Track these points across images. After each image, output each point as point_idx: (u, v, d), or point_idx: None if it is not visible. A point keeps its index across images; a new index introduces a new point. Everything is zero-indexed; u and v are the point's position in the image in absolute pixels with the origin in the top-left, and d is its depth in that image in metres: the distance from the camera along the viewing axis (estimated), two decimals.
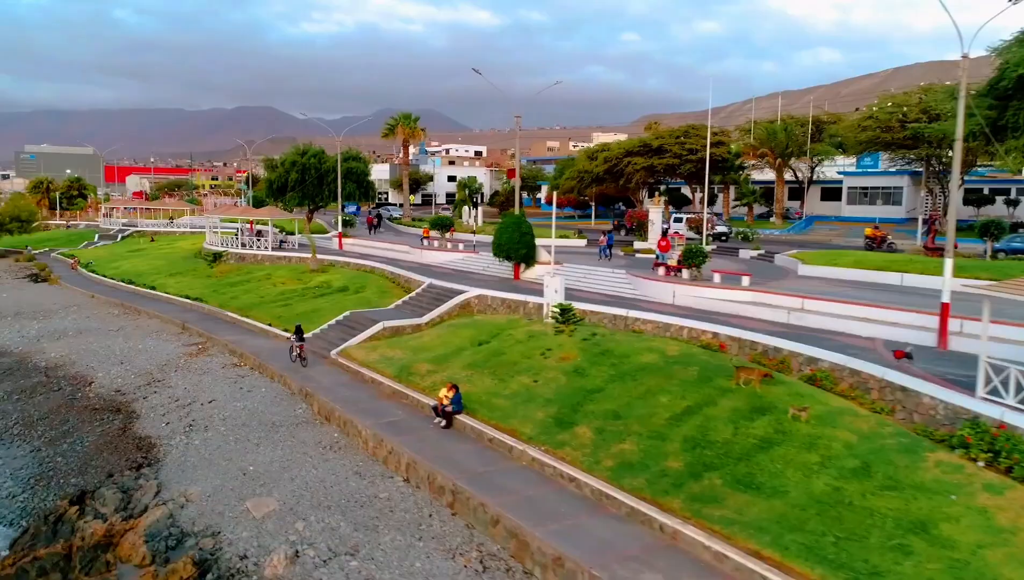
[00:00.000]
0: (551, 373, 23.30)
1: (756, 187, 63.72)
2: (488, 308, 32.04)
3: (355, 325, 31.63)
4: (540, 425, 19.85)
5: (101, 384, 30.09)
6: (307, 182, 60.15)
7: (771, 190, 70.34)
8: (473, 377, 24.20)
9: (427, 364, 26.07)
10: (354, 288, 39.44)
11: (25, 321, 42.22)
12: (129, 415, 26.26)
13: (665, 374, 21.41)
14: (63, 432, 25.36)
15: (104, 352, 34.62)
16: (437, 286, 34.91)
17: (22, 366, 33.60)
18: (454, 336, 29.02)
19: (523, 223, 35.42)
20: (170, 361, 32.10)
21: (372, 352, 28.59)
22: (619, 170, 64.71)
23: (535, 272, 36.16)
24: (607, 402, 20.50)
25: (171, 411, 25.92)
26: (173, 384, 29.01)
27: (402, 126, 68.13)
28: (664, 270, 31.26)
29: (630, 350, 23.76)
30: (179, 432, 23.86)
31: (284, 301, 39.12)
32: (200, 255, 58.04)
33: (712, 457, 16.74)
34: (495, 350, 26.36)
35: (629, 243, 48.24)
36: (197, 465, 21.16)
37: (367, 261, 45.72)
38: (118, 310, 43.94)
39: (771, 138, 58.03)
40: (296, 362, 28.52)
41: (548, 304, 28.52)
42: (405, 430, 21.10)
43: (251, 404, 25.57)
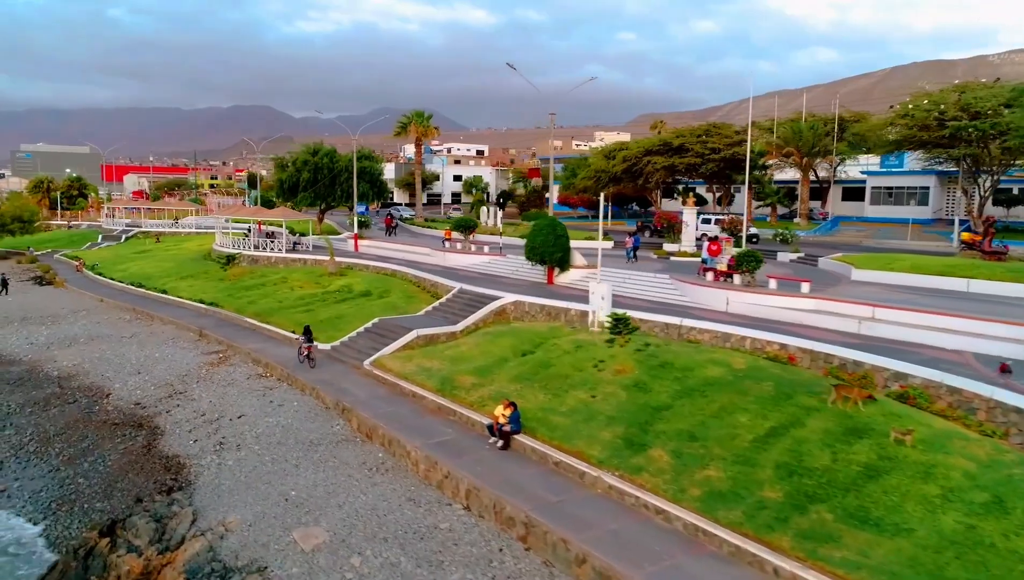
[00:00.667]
0: (608, 387, 21.77)
1: (778, 187, 62.25)
2: (525, 315, 30.48)
3: (386, 333, 30.04)
4: (608, 447, 18.30)
5: (119, 396, 28.46)
6: (319, 182, 58.55)
7: (791, 190, 68.92)
8: (523, 391, 22.64)
9: (470, 376, 24.50)
10: (377, 293, 37.84)
11: (33, 326, 40.56)
12: (152, 431, 24.65)
13: (737, 390, 19.90)
14: (82, 450, 23.74)
15: (119, 361, 32.99)
16: (469, 291, 33.34)
17: (33, 376, 31.96)
18: (493, 345, 27.47)
19: (558, 225, 33.89)
20: (191, 371, 30.47)
21: (407, 362, 27.01)
22: (638, 170, 63.18)
23: (570, 276, 34.63)
24: (678, 421, 18.97)
25: (198, 427, 24.30)
26: (196, 397, 27.39)
27: (415, 124, 66.50)
28: (713, 275, 29.72)
29: (691, 362, 22.24)
30: (209, 451, 22.26)
31: (305, 306, 37.48)
32: (210, 257, 56.44)
33: (813, 487, 15.19)
34: (541, 361, 24.80)
35: (657, 245, 46.71)
36: (233, 489, 19.57)
37: (387, 264, 44.13)
38: (129, 315, 42.27)
39: (796, 137, 56.57)
40: (304, 363, 28.46)
41: (594, 312, 27.00)
42: (459, 451, 19.52)
43: (284, 420, 23.97)
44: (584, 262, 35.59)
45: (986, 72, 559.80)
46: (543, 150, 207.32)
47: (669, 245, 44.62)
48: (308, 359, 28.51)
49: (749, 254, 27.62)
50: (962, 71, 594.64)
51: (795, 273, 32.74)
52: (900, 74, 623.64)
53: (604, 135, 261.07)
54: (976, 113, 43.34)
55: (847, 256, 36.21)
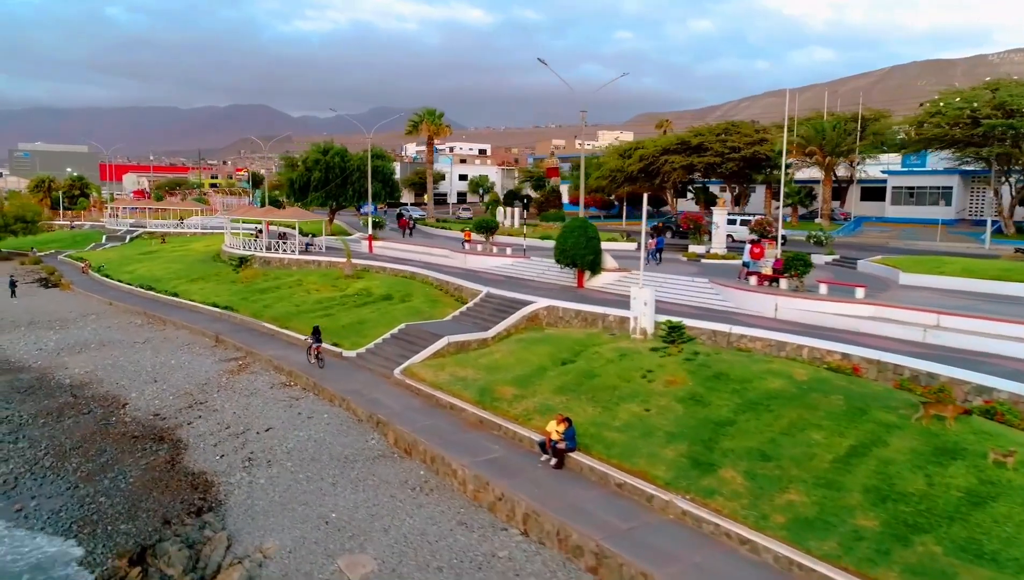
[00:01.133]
0: (662, 400, 20.53)
1: (799, 186, 61.07)
2: (559, 321, 29.23)
3: (414, 339, 28.79)
4: (674, 466, 17.06)
5: (136, 406, 27.18)
6: (331, 182, 57.26)
7: (809, 190, 67.70)
8: (569, 404, 21.40)
9: (510, 387, 23.25)
10: (399, 296, 36.56)
11: (41, 331, 39.25)
12: (175, 445, 23.37)
13: (804, 404, 18.66)
14: (101, 465, 22.47)
15: (133, 368, 31.71)
16: (497, 296, 32.09)
17: (44, 384, 30.68)
18: (529, 353, 26.21)
19: (589, 227, 32.64)
20: (210, 379, 29.18)
21: (440, 371, 25.76)
22: (655, 169, 62.02)
23: (601, 280, 33.38)
24: (746, 438, 17.73)
25: (223, 441, 23.02)
26: (219, 407, 26.11)
27: (427, 122, 65.12)
28: (757, 279, 28.47)
29: (748, 373, 21.02)
30: (238, 467, 20.99)
31: (324, 311, 36.19)
32: (220, 258, 55.15)
33: (911, 514, 13.96)
34: (584, 371, 23.56)
35: (680, 247, 45.49)
36: (268, 510, 18.31)
37: (405, 266, 42.86)
38: (140, 319, 40.96)
39: (819, 135, 55.39)
40: (313, 363, 28.45)
41: (636, 318, 25.76)
42: (510, 470, 18.27)
43: (315, 433, 22.70)
44: (615, 265, 34.37)
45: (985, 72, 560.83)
46: (542, 149, 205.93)
47: (695, 246, 43.37)
48: (317, 359, 28.48)
49: (798, 257, 26.38)
50: (961, 71, 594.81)
51: (836, 277, 31.52)
52: (899, 73, 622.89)
53: (606, 134, 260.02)
54: (1011, 111, 42.15)
55: (889, 258, 35.01)
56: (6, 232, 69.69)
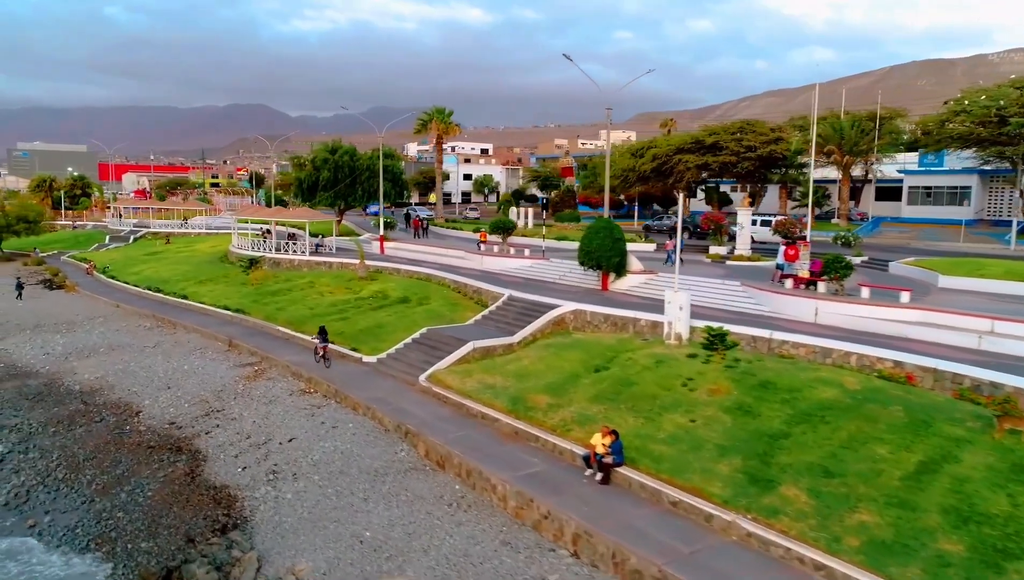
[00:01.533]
0: (707, 410, 19.60)
1: (816, 186, 60.06)
2: (587, 325, 28.28)
3: (437, 344, 27.83)
4: (730, 483, 16.12)
5: (150, 414, 26.20)
6: (340, 181, 56.26)
7: (824, 190, 66.75)
8: (608, 414, 20.46)
9: (543, 395, 22.30)
10: (416, 299, 35.59)
11: (47, 334, 38.25)
12: (193, 456, 22.39)
13: (861, 416, 17.74)
14: (117, 477, 21.48)
15: (145, 374, 30.73)
16: (520, 299, 31.13)
17: (53, 390, 29.70)
18: (559, 359, 25.27)
19: (615, 228, 31.69)
20: (226, 386, 28.21)
21: (467, 378, 24.80)
22: (668, 168, 61.04)
23: (627, 282, 32.42)
24: (804, 452, 16.79)
25: (245, 452, 22.05)
26: (237, 415, 25.14)
27: (436, 121, 64.09)
28: (793, 282, 27.52)
29: (796, 382, 20.09)
30: (262, 481, 20.03)
31: (339, 313, 35.22)
32: (227, 259, 54.18)
33: (999, 538, 13.04)
34: (620, 378, 22.63)
35: (702, 248, 44.57)
36: (297, 528, 17.34)
37: (419, 268, 41.90)
38: (150, 322, 39.97)
39: (837, 134, 54.45)
40: (320, 363, 28.62)
41: (671, 323, 24.82)
42: (553, 486, 17.32)
43: (341, 444, 21.72)
44: (640, 267, 33.41)
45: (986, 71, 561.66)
46: (545, 149, 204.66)
47: (716, 247, 42.45)
48: (323, 359, 28.69)
49: (838, 259, 25.43)
50: (961, 70, 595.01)
51: (870, 279, 30.55)
52: (899, 73, 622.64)
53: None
54: None
55: (923, 260, 34.09)
56: (8, 232, 68.64)
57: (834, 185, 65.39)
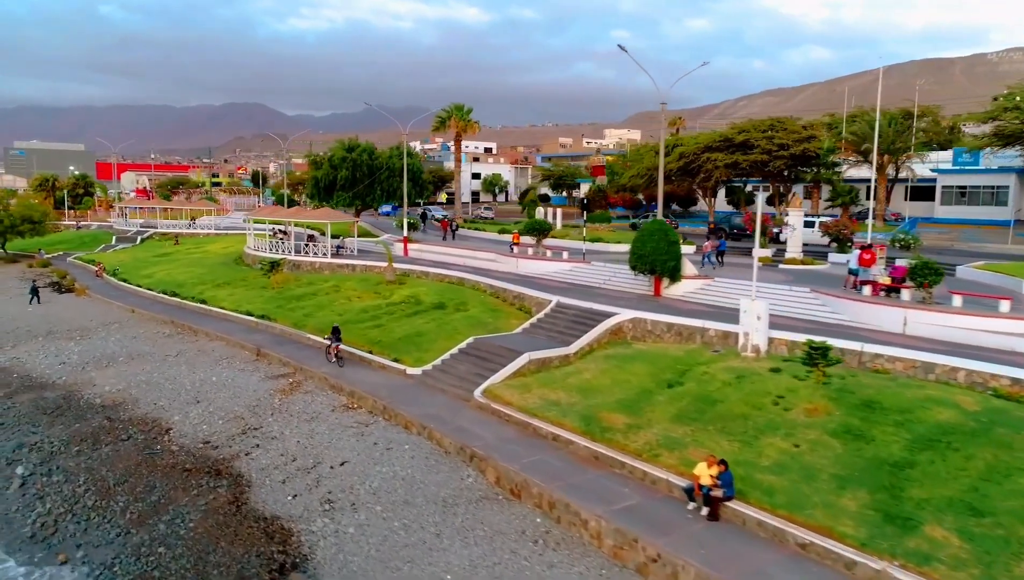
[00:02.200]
0: (810, 433, 17.77)
1: (854, 186, 58.35)
2: (648, 334, 26.44)
3: (488, 356, 25.97)
4: (861, 520, 14.29)
5: (182, 432, 24.25)
6: (358, 181, 54.33)
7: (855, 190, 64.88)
8: (696, 436, 18.64)
9: (618, 414, 20.46)
10: (452, 305, 33.69)
11: (61, 342, 36.27)
12: (235, 480, 20.46)
13: (993, 442, 15.94)
14: (153, 505, 19.54)
15: (170, 386, 28.78)
16: (570, 306, 29.28)
17: (73, 403, 27.71)
18: (624, 372, 23.45)
19: (670, 230, 29.86)
20: (260, 400, 26.28)
21: (526, 393, 22.96)
22: (695, 167, 59.28)
23: (682, 288, 30.57)
24: (937, 485, 14.96)
25: (292, 477, 20.14)
26: (277, 434, 23.22)
27: (455, 118, 62.13)
28: (871, 289, 25.69)
29: (904, 401, 18.29)
30: (317, 511, 18.12)
31: (372, 320, 33.32)
32: (242, 261, 52.24)
33: None
34: (700, 395, 20.80)
35: (744, 250, 42.76)
36: (367, 569, 15.47)
37: (449, 271, 40.04)
38: (169, 329, 37.99)
39: (874, 132, 52.59)
40: (333, 362, 28.71)
41: (747, 334, 23.01)
42: (655, 522, 15.46)
43: (401, 469, 19.83)
44: (695, 271, 31.59)
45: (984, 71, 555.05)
46: (549, 148, 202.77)
47: (761, 250, 40.59)
48: (337, 358, 28.80)
49: (926, 264, 23.60)
50: (960, 69, 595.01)
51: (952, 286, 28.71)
52: (897, 72, 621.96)
53: (612, 132, 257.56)
54: None
55: (995, 265, 32.25)
56: (13, 233, 66.57)
57: (860, 184, 63.63)
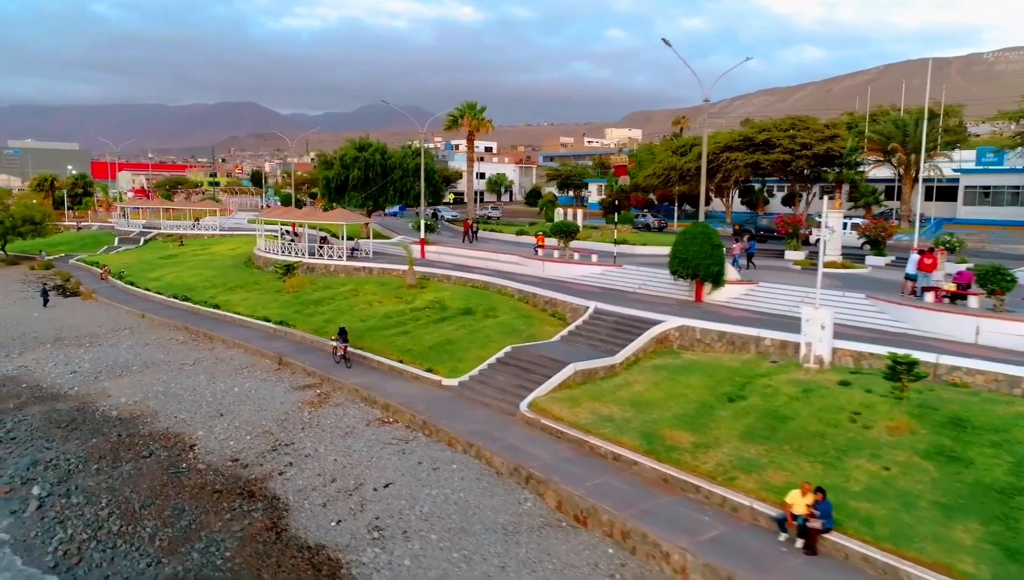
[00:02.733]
0: (898, 454, 16.48)
1: (877, 186, 57.31)
2: (696, 343, 25.13)
3: (529, 366, 24.62)
4: (980, 556, 13.01)
5: (207, 448, 22.83)
6: (371, 181, 52.90)
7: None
8: (772, 456, 17.33)
9: (681, 432, 19.14)
10: (481, 311, 32.32)
11: (70, 349, 34.78)
12: (271, 504, 19.06)
13: None
14: (183, 530, 18.14)
15: (190, 397, 27.34)
16: (609, 312, 27.94)
17: (87, 416, 26.23)
18: (678, 385, 22.14)
19: (713, 233, 28.56)
20: (288, 414, 24.87)
21: (576, 407, 21.63)
22: (714, 167, 58.04)
23: (724, 294, 29.28)
24: None
25: (334, 500, 18.75)
26: (311, 451, 21.82)
27: (468, 117, 60.73)
28: (934, 296, 24.42)
29: (995, 419, 17.03)
30: (366, 540, 16.74)
31: (397, 326, 31.94)
32: (252, 263, 50.77)
33: None
34: (766, 411, 19.50)
35: (775, 253, 41.55)
36: None
37: (471, 274, 38.67)
38: (183, 335, 36.50)
39: (900, 131, 51.59)
40: (340, 363, 28.68)
41: (810, 344, 21.72)
42: (747, 556, 14.14)
43: (452, 492, 18.45)
44: (737, 276, 30.29)
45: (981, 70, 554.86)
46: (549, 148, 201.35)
47: (792, 252, 39.48)
48: (344, 360, 28.69)
49: (996, 270, 22.34)
50: (956, 69, 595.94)
51: None
52: (894, 71, 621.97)
53: (613, 132, 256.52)
54: None
55: None
56: (14, 234, 64.89)
57: (878, 184, 62.47)
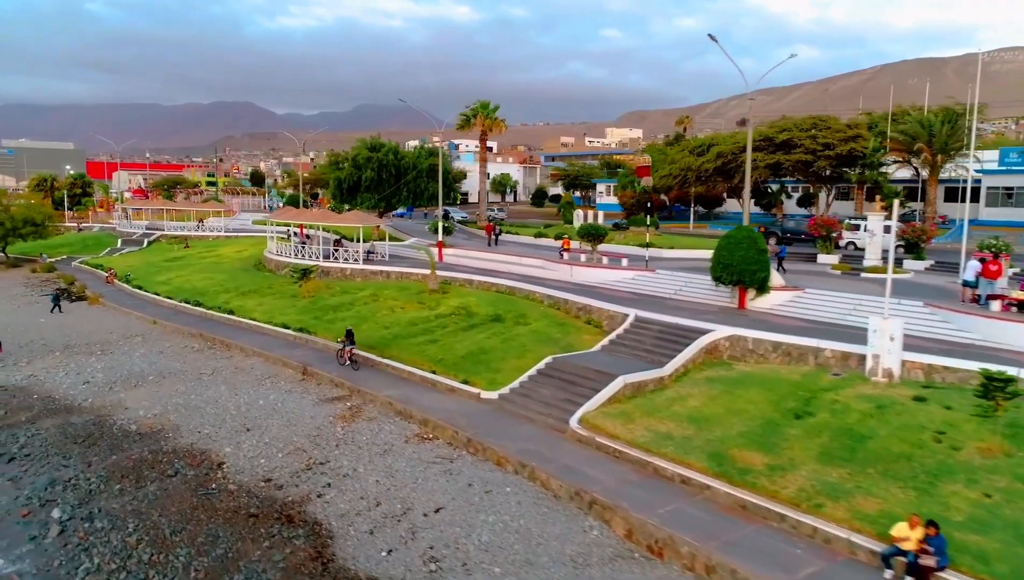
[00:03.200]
0: (998, 480, 15.34)
1: (899, 187, 56.24)
2: (748, 354, 23.94)
3: (571, 378, 23.40)
4: None
5: (236, 467, 21.52)
6: (384, 182, 51.61)
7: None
8: (858, 481, 16.13)
9: (751, 452, 17.93)
10: (511, 318, 31.07)
11: (80, 357, 33.39)
12: (313, 530, 17.75)
13: None
14: (220, 560, 16.84)
15: (212, 410, 26.01)
16: (653, 320, 26.72)
17: (104, 430, 24.88)
18: (737, 399, 20.95)
19: (759, 238, 27.40)
20: (321, 429, 23.57)
21: (630, 423, 20.42)
22: (732, 168, 56.95)
23: (769, 300, 28.10)
24: None
25: (381, 526, 17.45)
26: (349, 470, 20.53)
27: (481, 116, 59.43)
28: (1000, 304, 23.27)
29: None
30: (422, 573, 15.48)
31: (424, 334, 30.68)
32: (262, 266, 49.44)
33: None
34: (840, 429, 18.31)
35: (802, 256, 40.42)
36: None
37: (494, 278, 37.43)
38: (198, 343, 35.14)
39: (926, 131, 50.50)
40: (347, 366, 28.31)
41: (877, 356, 20.54)
42: None
43: (511, 519, 17.18)
44: (782, 282, 29.11)
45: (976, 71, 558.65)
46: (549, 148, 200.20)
47: (825, 256, 38.40)
48: (351, 362, 28.36)
49: None
50: (952, 69, 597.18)
51: None
52: (890, 71, 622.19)
53: (614, 132, 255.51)
54: None
55: None
56: (14, 236, 63.33)
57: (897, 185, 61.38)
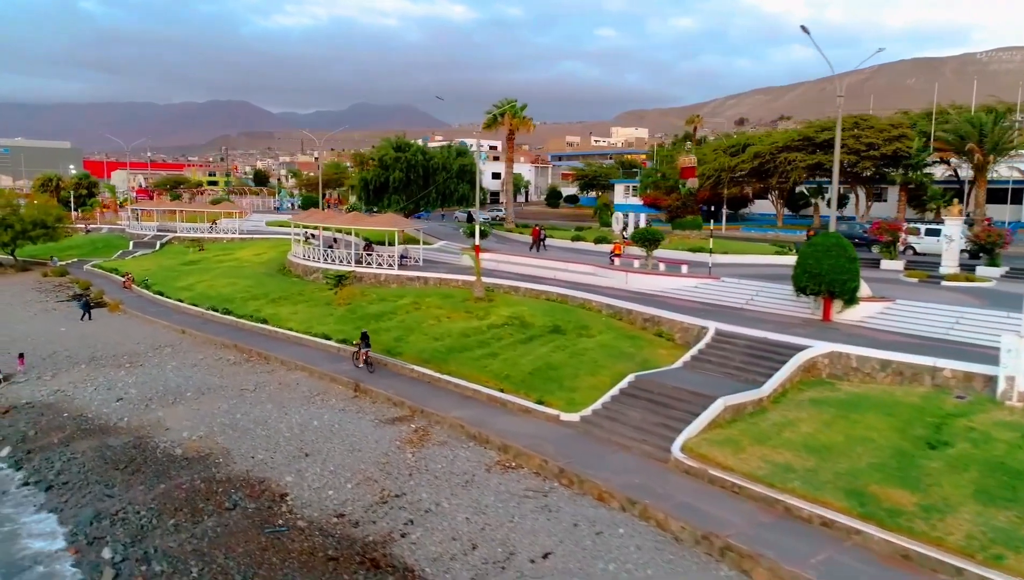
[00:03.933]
0: None
1: (943, 188, 54.54)
2: (852, 373, 22.06)
3: (661, 398, 21.49)
4: None
5: (303, 499, 19.49)
6: (412, 183, 49.62)
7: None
8: None
9: (895, 489, 16.03)
10: (572, 329, 29.14)
11: (109, 370, 31.36)
12: (403, 576, 15.77)
13: None
14: None
15: (263, 432, 23.99)
16: (736, 334, 24.82)
17: (147, 454, 22.83)
18: (855, 425, 19.06)
19: (849, 246, 25.50)
20: (389, 455, 21.57)
21: (740, 452, 18.51)
22: (770, 168, 55.14)
23: (858, 312, 26.21)
24: None
25: (482, 574, 15.48)
26: (430, 505, 18.55)
27: (509, 115, 57.43)
28: None
29: None
30: None
31: (482, 348, 28.71)
32: (287, 271, 47.44)
33: None
34: (989, 462, 16.46)
35: (866, 262, 38.55)
36: None
37: (541, 285, 35.54)
38: (233, 355, 33.12)
39: (977, 130, 48.74)
40: (363, 369, 28.24)
41: (1013, 378, 18.69)
42: None
43: (634, 567, 15.22)
44: (869, 292, 27.23)
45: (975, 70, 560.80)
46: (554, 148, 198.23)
47: (889, 262, 36.57)
48: (367, 365, 28.27)
49: None
50: (950, 69, 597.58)
51: None
52: (888, 71, 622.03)
53: (620, 131, 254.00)
54: None
55: None
56: (24, 239, 61.10)
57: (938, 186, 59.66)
